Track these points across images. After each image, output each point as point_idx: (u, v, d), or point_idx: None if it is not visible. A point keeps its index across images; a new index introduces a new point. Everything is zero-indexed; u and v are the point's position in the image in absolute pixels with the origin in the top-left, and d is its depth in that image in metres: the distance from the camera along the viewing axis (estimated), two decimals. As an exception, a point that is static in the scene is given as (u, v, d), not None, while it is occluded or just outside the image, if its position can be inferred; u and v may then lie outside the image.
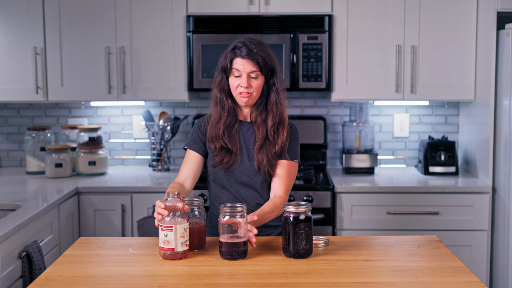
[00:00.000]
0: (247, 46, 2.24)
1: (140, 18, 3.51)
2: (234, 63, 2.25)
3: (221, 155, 2.31)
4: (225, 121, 2.31)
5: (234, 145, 2.31)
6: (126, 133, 3.96)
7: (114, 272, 1.91)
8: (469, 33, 3.48)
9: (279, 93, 2.31)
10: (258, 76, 2.25)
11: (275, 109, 2.30)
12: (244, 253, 2.01)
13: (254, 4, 3.47)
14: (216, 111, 2.33)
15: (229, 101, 2.32)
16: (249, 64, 2.23)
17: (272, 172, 2.31)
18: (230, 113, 2.32)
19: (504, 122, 3.22)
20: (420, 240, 2.25)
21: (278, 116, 2.30)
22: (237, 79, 2.26)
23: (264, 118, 2.31)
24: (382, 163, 3.94)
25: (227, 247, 1.99)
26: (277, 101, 2.30)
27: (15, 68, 3.54)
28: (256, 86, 2.26)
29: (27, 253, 2.52)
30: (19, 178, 3.63)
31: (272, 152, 2.29)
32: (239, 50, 2.24)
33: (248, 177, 2.33)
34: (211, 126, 2.33)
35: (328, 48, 3.47)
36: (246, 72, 2.23)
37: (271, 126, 2.30)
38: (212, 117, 2.34)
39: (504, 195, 3.23)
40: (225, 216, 2.00)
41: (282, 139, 2.30)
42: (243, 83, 2.24)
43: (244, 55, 2.23)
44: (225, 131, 2.31)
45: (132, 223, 3.35)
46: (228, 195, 2.36)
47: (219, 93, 2.32)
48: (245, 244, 2.01)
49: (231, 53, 2.26)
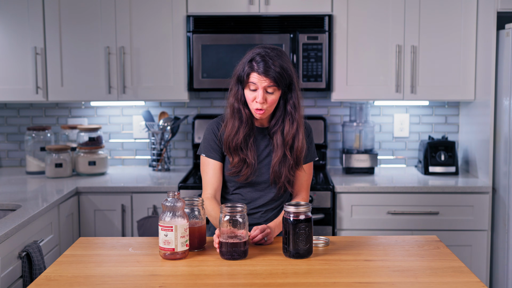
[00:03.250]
0: (265, 61, 2.17)
1: (140, 18, 3.51)
2: (251, 77, 2.19)
3: (238, 166, 2.29)
4: (244, 132, 2.27)
5: (252, 155, 2.29)
6: (126, 133, 3.96)
7: (114, 272, 1.91)
8: (469, 33, 3.48)
9: (295, 108, 2.26)
10: (274, 91, 2.21)
11: (291, 124, 2.27)
12: (244, 253, 2.01)
13: (254, 4, 3.47)
14: (233, 122, 2.28)
15: (246, 111, 2.27)
16: (266, 81, 2.18)
17: (290, 187, 2.34)
18: (248, 123, 2.28)
19: (504, 122, 3.22)
20: (420, 240, 2.25)
21: (295, 130, 2.27)
22: (253, 93, 2.21)
23: (282, 129, 2.28)
24: (382, 163, 3.94)
25: (227, 247, 2.00)
26: (293, 115, 2.26)
27: (15, 68, 3.54)
28: (271, 101, 2.21)
29: (27, 253, 2.52)
30: (19, 178, 3.63)
31: (289, 167, 2.29)
32: (257, 64, 2.18)
33: (264, 185, 2.34)
34: (228, 137, 2.29)
35: (328, 48, 3.47)
36: (263, 86, 2.19)
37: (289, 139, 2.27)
38: (229, 128, 2.29)
39: (504, 195, 3.23)
40: (225, 216, 2.00)
41: (298, 151, 2.28)
42: (258, 99, 2.19)
43: (262, 72, 2.17)
44: (242, 141, 2.28)
45: (132, 223, 3.35)
46: (238, 198, 2.37)
47: (236, 102, 2.27)
48: (245, 244, 2.01)
49: (248, 66, 2.20)
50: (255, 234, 2.14)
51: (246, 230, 2.01)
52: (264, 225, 2.18)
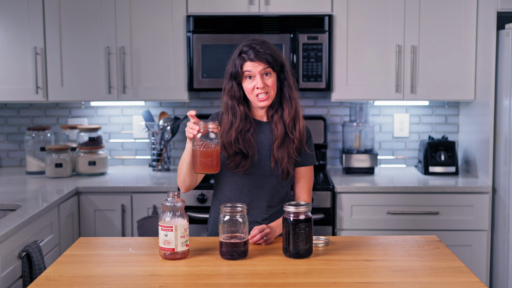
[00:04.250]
0: (253, 48, 2.23)
1: (140, 18, 3.51)
2: (245, 67, 2.23)
3: (236, 160, 2.29)
4: (237, 127, 2.29)
5: (250, 148, 2.29)
6: (126, 133, 3.96)
7: (114, 272, 1.91)
8: (469, 33, 3.48)
9: (291, 88, 2.31)
10: (270, 72, 2.25)
11: (290, 105, 2.30)
12: (244, 253, 2.01)
13: (254, 4, 3.47)
14: (227, 118, 2.31)
15: (241, 108, 2.29)
16: (260, 65, 2.22)
17: (291, 171, 2.32)
18: (243, 119, 2.30)
19: (504, 122, 3.22)
20: (420, 240, 2.25)
21: (294, 110, 2.30)
22: (251, 81, 2.24)
23: (281, 115, 2.30)
24: (382, 163, 3.94)
25: (227, 247, 2.00)
26: (290, 95, 2.30)
27: (15, 68, 3.54)
28: (272, 84, 2.25)
29: (27, 253, 2.52)
30: (19, 178, 3.63)
31: (293, 149, 2.30)
32: (246, 54, 2.23)
33: (264, 177, 2.32)
34: (222, 132, 2.30)
35: (328, 48, 3.47)
36: (259, 71, 2.22)
37: (289, 121, 2.29)
38: (223, 124, 2.31)
39: (504, 195, 3.23)
40: (225, 216, 2.00)
41: (300, 132, 2.30)
42: (258, 84, 2.22)
43: (253, 57, 2.22)
44: (238, 136, 2.29)
45: (132, 223, 3.35)
46: (238, 195, 2.34)
47: (230, 100, 2.29)
48: (245, 244, 2.01)
49: (239, 59, 2.25)
50: (254, 234, 2.15)
51: (246, 230, 2.01)
52: (264, 225, 2.18)
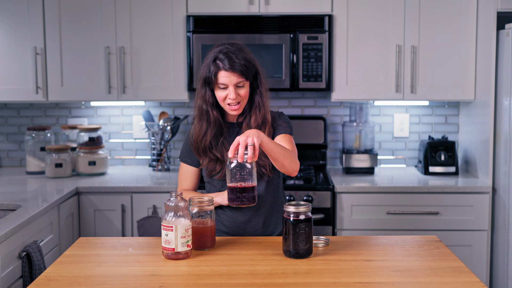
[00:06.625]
0: (229, 57, 2.20)
1: (140, 18, 3.51)
2: (219, 76, 2.21)
3: (211, 165, 2.32)
4: (211, 133, 2.30)
5: (224, 155, 2.30)
6: (126, 133, 3.96)
7: (114, 272, 1.91)
8: (469, 33, 3.48)
9: (262, 96, 2.30)
10: (244, 84, 2.24)
11: (258, 112, 2.30)
12: (254, 198, 2.01)
13: (254, 4, 3.47)
14: (201, 124, 2.31)
15: (214, 113, 2.29)
16: (234, 76, 2.21)
17: (265, 170, 2.30)
18: (216, 124, 2.30)
19: (504, 122, 3.22)
20: (420, 240, 2.25)
21: (261, 118, 2.30)
22: (223, 91, 2.23)
23: (248, 122, 2.32)
24: (382, 163, 3.94)
25: (236, 192, 2.00)
26: (260, 103, 2.30)
27: (15, 68, 3.54)
28: (244, 94, 2.25)
29: (27, 253, 2.52)
30: (19, 178, 3.63)
31: None
32: (222, 62, 2.21)
33: None
34: (196, 140, 2.32)
35: (328, 48, 3.47)
36: (233, 84, 2.21)
37: (255, 127, 2.30)
38: (197, 130, 2.32)
39: (504, 195, 3.23)
40: (232, 163, 2.00)
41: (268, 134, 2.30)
42: (231, 96, 2.21)
43: (228, 68, 2.20)
44: (211, 142, 2.30)
45: (132, 223, 3.35)
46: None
47: (204, 104, 2.29)
48: (253, 189, 2.01)
49: (213, 65, 2.22)
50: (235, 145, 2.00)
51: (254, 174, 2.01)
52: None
